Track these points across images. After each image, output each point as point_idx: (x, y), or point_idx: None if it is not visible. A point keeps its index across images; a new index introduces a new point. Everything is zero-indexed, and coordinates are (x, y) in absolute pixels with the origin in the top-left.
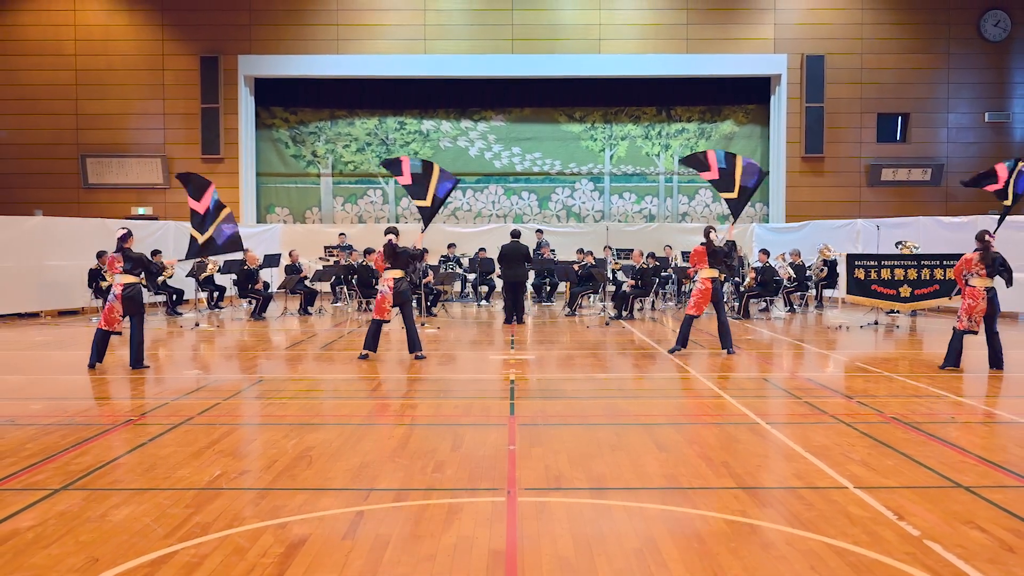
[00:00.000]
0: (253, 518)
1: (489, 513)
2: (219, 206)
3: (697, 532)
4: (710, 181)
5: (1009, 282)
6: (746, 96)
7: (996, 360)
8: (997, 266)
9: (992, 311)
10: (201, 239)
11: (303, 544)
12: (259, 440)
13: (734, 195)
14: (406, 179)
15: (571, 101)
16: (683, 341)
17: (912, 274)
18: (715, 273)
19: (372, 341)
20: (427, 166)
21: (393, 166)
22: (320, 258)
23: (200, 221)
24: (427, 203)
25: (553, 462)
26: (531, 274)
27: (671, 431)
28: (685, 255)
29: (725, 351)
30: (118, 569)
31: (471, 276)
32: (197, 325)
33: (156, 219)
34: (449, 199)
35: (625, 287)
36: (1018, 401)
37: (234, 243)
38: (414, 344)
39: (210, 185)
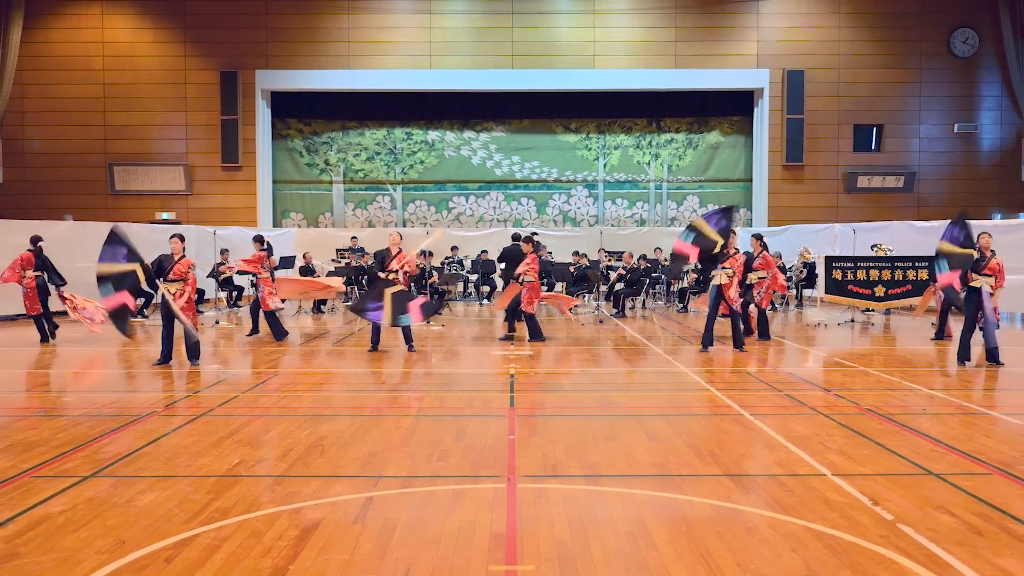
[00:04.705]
0: (269, 503)
1: (490, 499)
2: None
3: (685, 516)
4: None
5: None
6: (731, 108)
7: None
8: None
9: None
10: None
11: (316, 528)
12: (275, 430)
13: (718, 240)
14: None
15: (567, 113)
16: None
17: (886, 275)
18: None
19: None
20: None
21: None
22: (332, 260)
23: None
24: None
25: (550, 451)
26: None
27: (661, 422)
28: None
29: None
30: (143, 551)
31: (473, 277)
32: (217, 323)
33: (179, 223)
34: (452, 204)
35: (614, 281)
36: (986, 394)
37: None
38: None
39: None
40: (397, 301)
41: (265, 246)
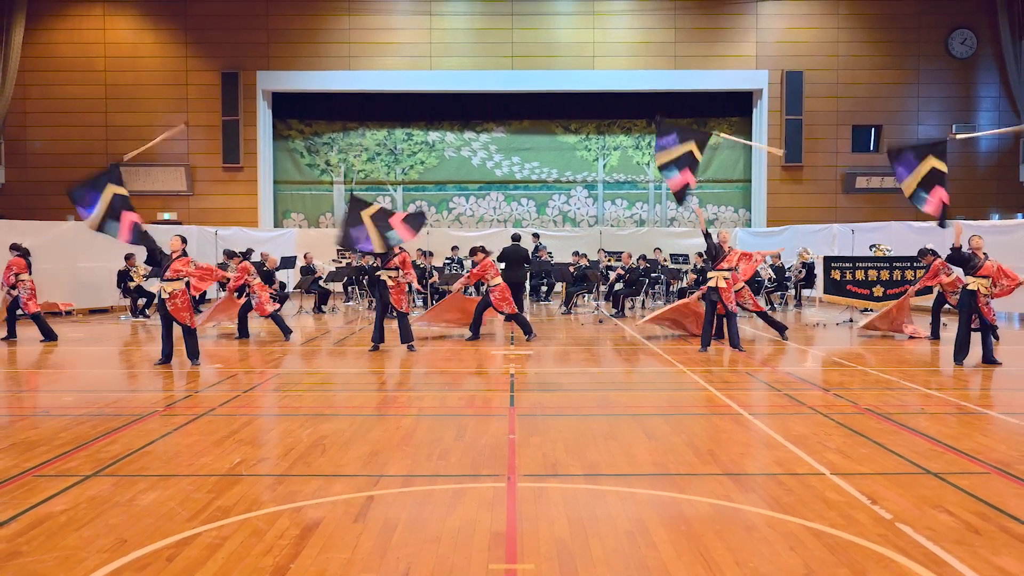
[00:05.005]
0: (270, 502)
1: (490, 498)
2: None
3: (684, 515)
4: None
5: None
6: (730, 109)
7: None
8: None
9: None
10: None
11: (317, 527)
12: (276, 430)
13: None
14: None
15: (567, 114)
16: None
17: (884, 275)
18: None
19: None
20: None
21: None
22: (333, 260)
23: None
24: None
25: (550, 450)
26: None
27: (660, 421)
28: (675, 257)
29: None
30: (145, 550)
31: None
32: (219, 323)
33: (180, 224)
34: (453, 204)
35: (613, 281)
36: (983, 393)
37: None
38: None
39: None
40: (379, 220)
41: (241, 258)
